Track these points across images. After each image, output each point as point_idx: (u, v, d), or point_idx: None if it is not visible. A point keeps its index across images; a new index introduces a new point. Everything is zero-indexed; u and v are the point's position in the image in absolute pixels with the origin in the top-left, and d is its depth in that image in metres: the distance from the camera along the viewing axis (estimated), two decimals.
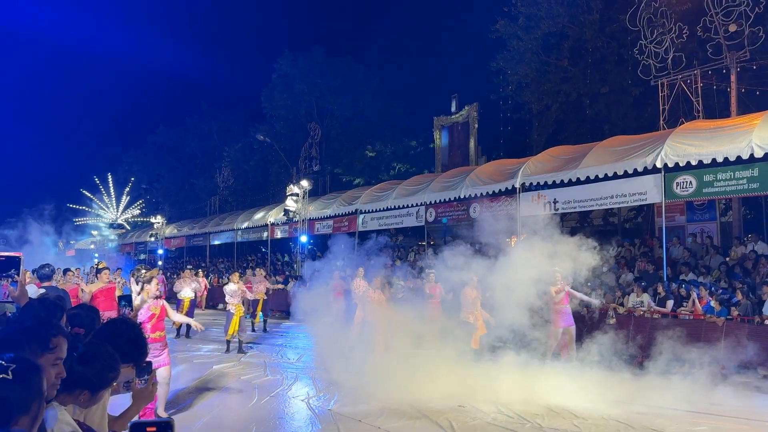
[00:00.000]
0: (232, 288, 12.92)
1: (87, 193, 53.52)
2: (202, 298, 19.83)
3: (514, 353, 11.71)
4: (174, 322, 8.04)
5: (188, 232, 35.33)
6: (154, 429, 1.45)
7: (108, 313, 9.29)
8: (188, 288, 15.86)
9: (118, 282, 13.06)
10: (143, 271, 7.42)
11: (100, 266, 10.85)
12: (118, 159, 55.88)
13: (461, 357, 10.52)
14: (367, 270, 13.14)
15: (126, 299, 4.60)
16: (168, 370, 7.03)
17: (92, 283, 11.33)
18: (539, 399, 8.23)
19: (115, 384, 3.31)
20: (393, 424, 7.01)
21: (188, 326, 14.64)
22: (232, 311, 12.58)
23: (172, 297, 17.18)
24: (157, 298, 7.12)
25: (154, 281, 7.08)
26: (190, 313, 14.55)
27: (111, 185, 54.83)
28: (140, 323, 6.63)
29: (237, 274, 14.03)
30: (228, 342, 12.53)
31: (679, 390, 8.87)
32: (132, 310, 5.93)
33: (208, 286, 19.54)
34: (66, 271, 12.64)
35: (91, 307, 4.03)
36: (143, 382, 2.90)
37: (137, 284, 7.65)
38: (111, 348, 2.65)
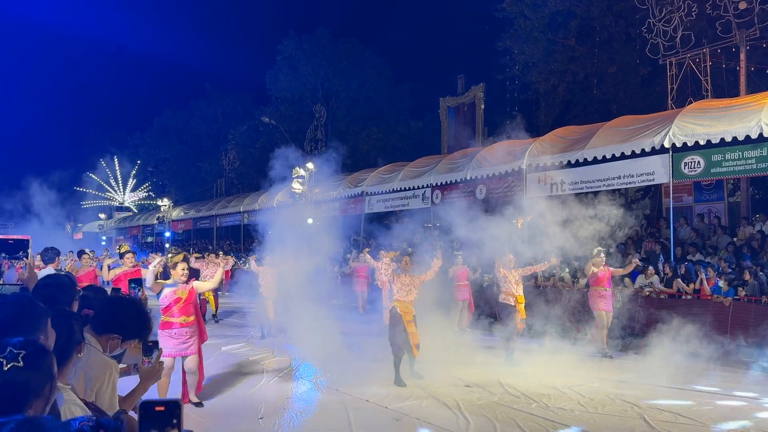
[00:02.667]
0: (266, 271, 12.32)
1: (94, 176, 53.71)
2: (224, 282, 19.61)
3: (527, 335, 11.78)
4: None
5: (195, 215, 35.45)
6: (162, 408, 1.46)
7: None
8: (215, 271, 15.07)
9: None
10: (169, 255, 7.11)
11: (123, 249, 10.47)
12: (124, 142, 56.00)
13: (474, 337, 10.56)
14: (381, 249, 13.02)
15: (136, 281, 4.61)
16: (195, 359, 6.72)
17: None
18: (546, 379, 8.28)
19: (125, 366, 3.35)
20: (400, 404, 7.06)
21: (216, 311, 14.28)
22: (266, 295, 12.13)
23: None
24: (185, 282, 6.73)
25: (180, 266, 6.70)
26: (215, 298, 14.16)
27: (117, 168, 54.97)
28: (167, 306, 6.50)
29: (269, 257, 13.57)
30: (262, 327, 12.11)
31: (685, 370, 8.91)
32: (143, 292, 5.82)
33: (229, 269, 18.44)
34: (81, 253, 12.21)
35: (99, 288, 4.05)
36: (150, 361, 2.93)
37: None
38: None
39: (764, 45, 16.49)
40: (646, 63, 19.80)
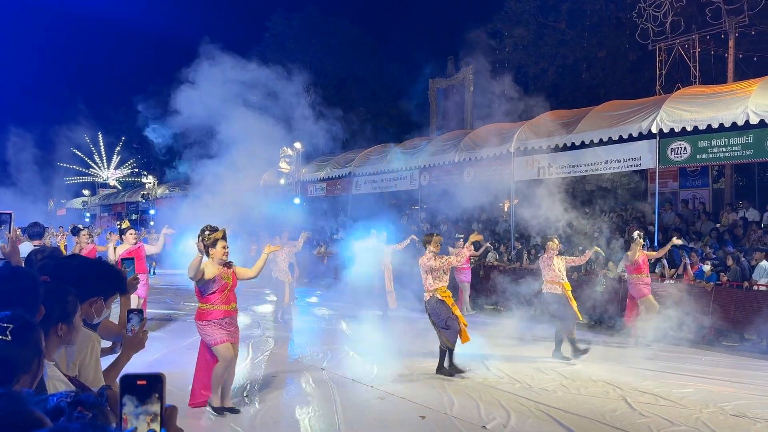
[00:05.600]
0: (278, 253, 11.51)
1: (78, 152, 53.00)
2: None
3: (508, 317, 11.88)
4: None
5: (180, 193, 35.14)
6: (144, 383, 1.43)
7: (140, 276, 8.81)
8: None
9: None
10: (207, 232, 5.82)
11: (124, 226, 9.97)
12: (108, 117, 55.14)
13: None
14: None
15: (128, 261, 4.28)
16: (236, 348, 5.98)
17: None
18: (529, 361, 8.38)
19: (108, 346, 3.31)
20: (385, 383, 7.10)
21: None
22: (282, 279, 11.63)
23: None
24: (226, 264, 5.87)
25: (220, 244, 5.74)
26: None
27: (102, 144, 54.25)
28: (212, 293, 5.73)
29: (278, 237, 12.45)
30: (281, 312, 11.64)
31: (667, 353, 9.04)
32: (134, 273, 4.91)
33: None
34: (77, 230, 11.61)
35: (56, 255, 3.94)
36: (134, 330, 2.89)
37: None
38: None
39: (753, 32, 16.56)
40: (636, 48, 19.83)
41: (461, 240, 13.14)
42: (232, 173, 12.21)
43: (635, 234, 10.08)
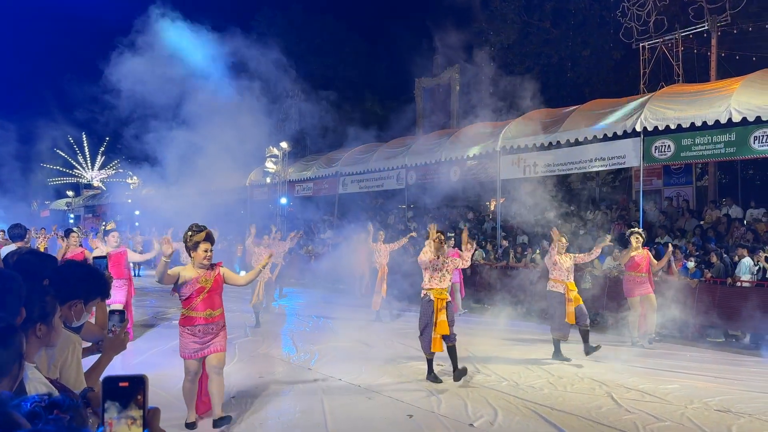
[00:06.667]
0: (261, 252, 11.57)
1: (62, 153, 52.45)
2: None
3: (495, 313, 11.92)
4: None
5: (164, 193, 34.86)
6: (126, 384, 1.41)
7: (118, 281, 8.61)
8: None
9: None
10: (189, 233, 5.59)
11: (108, 227, 9.69)
12: (93, 118, 54.56)
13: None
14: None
15: (100, 261, 4.11)
16: (220, 357, 5.65)
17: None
18: (516, 359, 8.40)
19: (89, 345, 3.26)
20: (373, 383, 7.08)
21: None
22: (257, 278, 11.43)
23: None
24: (209, 267, 5.59)
25: (202, 246, 5.51)
26: None
27: (86, 144, 53.74)
28: (187, 297, 5.48)
29: (267, 237, 12.48)
30: (257, 314, 11.29)
31: (652, 349, 9.11)
32: (108, 272, 4.78)
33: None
34: (68, 232, 11.27)
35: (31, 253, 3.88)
36: (115, 331, 2.85)
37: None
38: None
39: (735, 31, 16.73)
40: (620, 47, 19.97)
41: (452, 240, 13.13)
42: (218, 171, 12.16)
43: (627, 233, 10.02)
